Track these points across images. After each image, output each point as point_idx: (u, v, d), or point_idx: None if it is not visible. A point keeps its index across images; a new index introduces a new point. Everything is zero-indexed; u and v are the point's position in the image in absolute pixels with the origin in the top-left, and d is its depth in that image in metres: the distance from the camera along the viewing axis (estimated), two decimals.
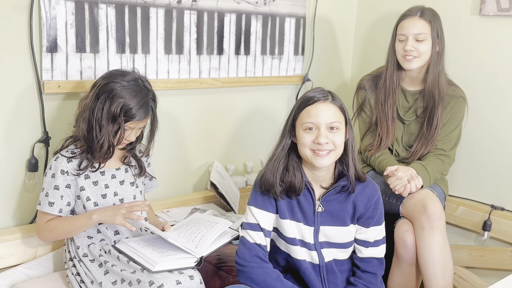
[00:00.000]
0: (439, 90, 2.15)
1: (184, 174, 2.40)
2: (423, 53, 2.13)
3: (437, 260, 1.95)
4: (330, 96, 1.60)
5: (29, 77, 1.88)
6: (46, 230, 1.72)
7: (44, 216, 1.72)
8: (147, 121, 1.77)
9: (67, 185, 1.70)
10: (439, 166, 2.15)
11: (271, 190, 1.62)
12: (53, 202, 1.69)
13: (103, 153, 1.69)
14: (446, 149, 2.18)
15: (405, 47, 2.13)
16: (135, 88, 1.69)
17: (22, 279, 1.82)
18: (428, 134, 2.17)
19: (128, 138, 1.74)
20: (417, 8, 2.17)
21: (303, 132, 1.59)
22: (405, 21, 2.15)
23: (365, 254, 1.69)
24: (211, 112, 2.42)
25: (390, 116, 2.22)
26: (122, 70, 1.75)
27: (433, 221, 1.94)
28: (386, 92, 2.22)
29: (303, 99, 1.62)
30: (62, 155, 1.70)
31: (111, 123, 1.67)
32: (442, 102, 2.15)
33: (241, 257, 1.64)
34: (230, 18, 2.36)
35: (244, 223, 1.67)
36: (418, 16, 2.13)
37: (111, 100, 1.65)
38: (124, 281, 1.62)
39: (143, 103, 1.70)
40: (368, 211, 1.66)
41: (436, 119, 2.15)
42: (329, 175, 1.66)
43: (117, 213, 1.66)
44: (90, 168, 1.72)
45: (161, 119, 1.85)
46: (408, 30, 2.13)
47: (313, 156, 1.58)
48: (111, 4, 1.99)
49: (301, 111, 1.61)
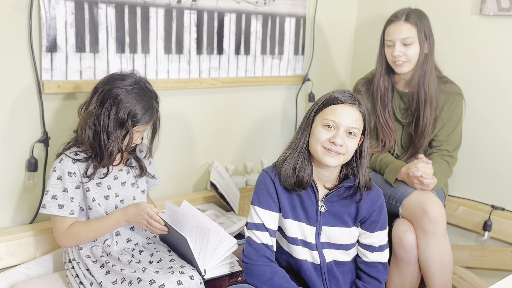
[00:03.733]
0: (425, 91, 2.14)
1: (184, 174, 2.40)
2: (411, 57, 2.12)
3: (440, 261, 1.96)
4: (357, 102, 1.60)
5: (29, 77, 1.87)
6: (69, 237, 1.70)
7: (63, 221, 1.70)
8: (152, 123, 1.78)
9: (77, 186, 1.69)
10: (446, 170, 2.15)
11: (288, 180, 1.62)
12: (63, 205, 1.68)
13: (113, 159, 1.71)
14: (450, 149, 2.18)
15: (393, 52, 2.13)
16: (139, 91, 1.70)
17: (21, 279, 1.82)
18: (416, 136, 2.17)
19: (136, 141, 1.75)
20: (402, 11, 2.15)
21: (321, 128, 1.59)
22: (391, 26, 2.14)
23: (370, 258, 1.69)
24: (211, 112, 2.42)
25: (388, 119, 2.21)
26: (122, 74, 1.74)
27: (436, 224, 1.94)
28: (380, 98, 2.22)
29: (330, 97, 1.61)
30: (67, 155, 1.70)
31: (119, 129, 1.67)
32: (430, 102, 2.14)
33: (247, 256, 1.64)
34: (230, 18, 2.35)
35: (249, 223, 1.67)
36: (403, 21, 2.12)
37: (117, 106, 1.65)
38: (125, 280, 1.62)
39: (149, 106, 1.71)
40: (371, 215, 1.66)
41: (424, 120, 2.14)
42: (334, 176, 1.66)
43: (140, 222, 1.71)
44: (98, 175, 1.72)
45: (161, 119, 1.85)
46: (394, 35, 2.12)
47: (323, 152, 1.58)
48: (111, 3, 1.99)
49: (326, 108, 1.60)
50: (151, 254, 1.78)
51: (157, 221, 1.68)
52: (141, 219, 1.69)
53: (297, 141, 1.64)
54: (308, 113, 1.65)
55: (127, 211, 1.71)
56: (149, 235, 1.87)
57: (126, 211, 1.71)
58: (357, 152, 1.64)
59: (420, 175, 1.99)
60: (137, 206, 1.71)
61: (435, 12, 2.46)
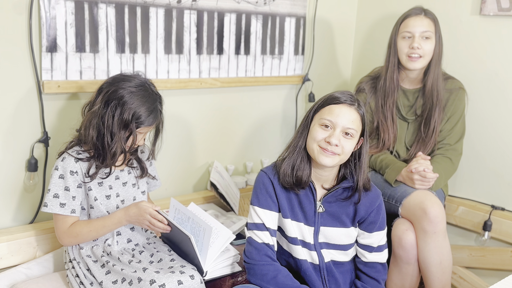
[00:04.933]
0: (437, 92, 2.15)
1: (184, 174, 2.40)
2: (427, 53, 2.13)
3: (439, 261, 1.96)
4: (356, 103, 1.60)
5: (29, 77, 1.87)
6: (70, 236, 1.70)
7: (64, 220, 1.70)
8: (156, 124, 1.78)
9: (79, 185, 1.70)
10: (447, 168, 2.15)
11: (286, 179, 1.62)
12: (65, 203, 1.68)
13: (116, 159, 1.71)
14: (452, 142, 2.18)
15: (412, 44, 2.12)
16: (144, 93, 1.70)
17: (22, 279, 1.82)
18: (426, 136, 2.17)
19: (139, 143, 1.75)
20: (420, 8, 2.19)
21: (318, 127, 1.59)
22: (411, 19, 2.16)
23: (369, 258, 1.69)
24: (211, 112, 2.42)
25: (389, 117, 2.21)
26: (127, 75, 1.75)
27: (436, 224, 1.94)
28: (386, 93, 2.21)
29: (330, 97, 1.61)
30: (69, 154, 1.70)
31: (123, 130, 1.68)
32: (440, 105, 2.15)
33: (249, 256, 1.64)
34: (230, 18, 2.35)
35: (249, 223, 1.67)
36: (423, 15, 2.15)
37: (121, 107, 1.66)
38: (125, 280, 1.62)
39: (153, 109, 1.72)
40: (370, 215, 1.66)
41: (433, 122, 2.15)
42: (331, 177, 1.66)
43: (142, 222, 1.72)
44: (100, 175, 1.72)
45: (164, 121, 1.85)
46: (415, 27, 2.13)
47: (319, 151, 1.58)
48: (111, 3, 1.99)
49: (324, 107, 1.60)
50: (151, 254, 1.78)
51: (160, 220, 1.68)
52: (142, 220, 1.70)
53: (296, 140, 1.64)
54: (308, 112, 1.65)
55: (128, 211, 1.71)
56: (149, 235, 1.87)
57: (128, 211, 1.71)
58: (356, 154, 1.64)
59: (422, 169, 2.01)
60: (138, 206, 1.71)
61: (435, 12, 2.46)
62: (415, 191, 2.03)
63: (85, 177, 1.70)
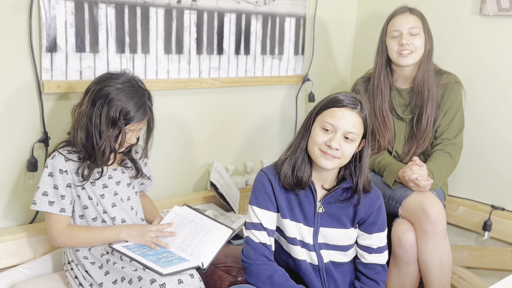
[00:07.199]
0: (428, 87, 2.15)
1: (184, 174, 2.40)
2: (418, 48, 2.14)
3: (439, 262, 1.96)
4: (359, 106, 1.58)
5: (29, 77, 1.87)
6: (66, 237, 1.70)
7: (57, 219, 1.69)
8: (146, 121, 1.77)
9: (68, 184, 1.69)
10: (447, 165, 2.14)
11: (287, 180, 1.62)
12: (53, 201, 1.67)
13: (105, 159, 1.70)
14: (451, 136, 2.17)
15: (400, 41, 2.13)
16: (130, 89, 1.68)
17: (21, 279, 1.82)
18: (418, 133, 2.17)
19: (130, 140, 1.73)
20: (405, 6, 2.21)
21: (319, 130, 1.58)
22: (397, 17, 2.17)
23: (369, 260, 1.69)
24: (211, 112, 2.42)
25: (380, 117, 2.21)
26: (114, 73, 1.73)
27: (436, 225, 1.93)
28: (377, 93, 2.22)
29: (332, 99, 1.59)
30: (59, 152, 1.69)
31: (111, 127, 1.66)
32: (432, 100, 2.15)
33: (246, 256, 1.64)
34: (230, 17, 2.35)
35: (248, 223, 1.67)
36: (408, 12, 2.17)
37: (108, 104, 1.64)
38: (125, 279, 1.62)
39: (141, 104, 1.70)
40: (370, 216, 1.66)
41: (426, 117, 2.15)
42: (331, 177, 1.66)
43: (145, 235, 1.74)
44: (92, 176, 1.71)
45: (161, 119, 1.85)
46: (402, 25, 2.14)
47: (319, 154, 1.57)
48: (111, 3, 1.99)
49: (326, 110, 1.59)
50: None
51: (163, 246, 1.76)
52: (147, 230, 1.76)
53: (297, 141, 1.64)
54: (310, 113, 1.64)
55: (132, 228, 1.75)
56: None
57: (131, 228, 1.75)
58: (357, 156, 1.64)
59: (415, 178, 2.00)
60: (142, 225, 1.77)
61: (435, 12, 2.47)
62: (415, 192, 2.03)
63: (76, 177, 1.69)
